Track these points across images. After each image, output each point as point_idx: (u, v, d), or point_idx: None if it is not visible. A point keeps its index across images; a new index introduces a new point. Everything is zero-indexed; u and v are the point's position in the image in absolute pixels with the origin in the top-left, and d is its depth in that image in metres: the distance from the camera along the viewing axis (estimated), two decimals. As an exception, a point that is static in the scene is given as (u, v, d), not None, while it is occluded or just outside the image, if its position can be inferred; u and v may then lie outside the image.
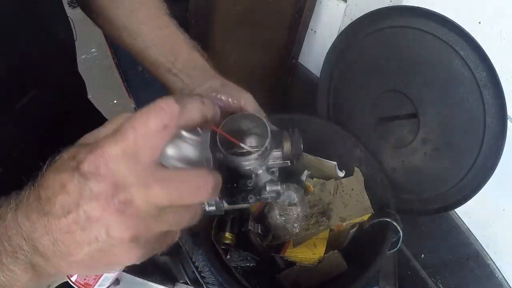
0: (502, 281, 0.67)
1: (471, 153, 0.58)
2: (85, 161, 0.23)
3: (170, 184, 0.24)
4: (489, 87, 0.54)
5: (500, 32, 0.56)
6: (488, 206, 0.66)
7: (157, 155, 0.25)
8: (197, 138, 0.29)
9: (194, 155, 0.29)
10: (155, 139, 0.24)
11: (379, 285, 0.64)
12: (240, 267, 0.62)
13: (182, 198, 0.24)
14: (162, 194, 0.24)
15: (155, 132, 0.24)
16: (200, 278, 0.61)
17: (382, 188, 0.66)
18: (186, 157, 0.28)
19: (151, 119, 0.24)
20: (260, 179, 0.42)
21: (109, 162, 0.23)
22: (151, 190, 0.24)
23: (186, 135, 0.28)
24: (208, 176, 0.26)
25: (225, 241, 0.60)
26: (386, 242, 0.58)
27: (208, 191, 0.25)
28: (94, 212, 0.23)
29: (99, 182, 0.23)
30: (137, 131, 0.24)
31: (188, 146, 0.29)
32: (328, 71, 0.78)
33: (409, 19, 0.62)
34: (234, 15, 0.87)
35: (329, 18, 0.90)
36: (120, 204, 0.23)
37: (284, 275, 0.63)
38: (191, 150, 0.29)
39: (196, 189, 0.25)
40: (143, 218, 0.24)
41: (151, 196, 0.24)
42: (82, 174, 0.23)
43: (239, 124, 0.44)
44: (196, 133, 0.29)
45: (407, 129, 0.67)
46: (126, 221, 0.23)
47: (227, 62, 0.96)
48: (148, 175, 0.24)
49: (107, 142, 0.24)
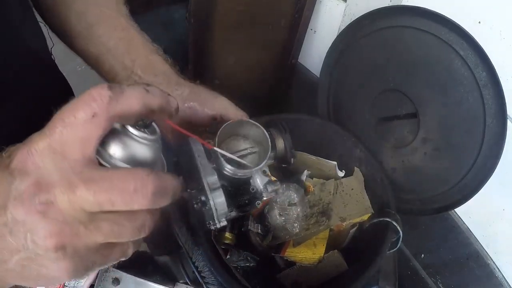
0: (502, 281, 0.67)
1: (471, 153, 0.58)
2: (14, 158, 0.21)
3: (99, 185, 0.21)
4: (489, 87, 0.54)
5: (500, 32, 0.56)
6: (488, 206, 0.66)
7: (89, 151, 0.22)
8: (148, 136, 0.25)
9: (144, 155, 0.25)
10: (83, 131, 0.21)
11: (379, 285, 0.64)
12: (240, 267, 0.62)
13: (113, 203, 0.21)
14: (88, 197, 0.20)
15: (83, 122, 0.21)
16: (200, 278, 0.61)
17: (382, 188, 0.66)
18: (134, 158, 0.24)
19: (79, 108, 0.21)
20: (258, 182, 0.42)
21: (36, 158, 0.21)
22: (76, 191, 0.20)
23: (132, 131, 0.24)
24: (147, 177, 0.22)
25: (225, 241, 0.60)
26: (386, 242, 0.58)
27: (147, 196, 0.21)
28: (18, 214, 0.20)
29: (23, 180, 0.21)
30: (65, 121, 0.21)
31: (136, 145, 0.25)
32: (328, 71, 0.78)
33: (409, 19, 0.62)
34: (234, 15, 0.87)
35: (329, 18, 0.90)
36: (41, 206, 0.20)
37: (284, 275, 0.63)
38: (140, 150, 0.25)
39: (131, 193, 0.21)
40: (68, 223, 0.21)
41: (76, 198, 0.20)
42: (10, 171, 0.21)
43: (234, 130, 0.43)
44: (149, 130, 0.25)
45: (407, 129, 0.67)
46: (49, 226, 0.20)
47: (227, 62, 0.96)
48: (75, 173, 0.21)
49: (36, 136, 0.22)
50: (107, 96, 0.22)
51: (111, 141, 0.24)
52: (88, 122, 0.21)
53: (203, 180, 0.38)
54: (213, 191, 0.38)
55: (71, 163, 0.21)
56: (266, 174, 0.43)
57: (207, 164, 0.39)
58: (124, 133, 0.24)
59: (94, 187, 0.21)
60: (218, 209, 0.38)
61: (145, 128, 0.25)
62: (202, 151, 0.40)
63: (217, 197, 0.38)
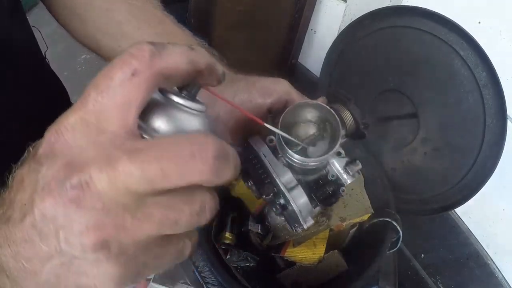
0: (502, 281, 0.67)
1: (471, 153, 0.58)
2: (42, 143, 0.18)
3: (146, 155, 0.16)
4: (489, 87, 0.54)
5: (500, 32, 0.56)
6: (488, 206, 0.66)
7: (131, 120, 0.18)
8: (197, 105, 0.22)
9: (195, 128, 0.21)
10: (122, 94, 0.17)
11: (379, 285, 0.64)
12: (240, 267, 0.62)
13: (167, 174, 0.16)
14: (134, 171, 0.16)
15: (121, 84, 0.17)
16: (200, 278, 0.61)
17: (382, 188, 0.66)
18: (183, 132, 0.21)
19: (116, 68, 0.18)
20: (337, 166, 0.38)
21: (66, 136, 0.17)
22: (117, 165, 0.16)
23: (178, 100, 0.21)
24: (205, 139, 0.17)
25: (225, 241, 0.60)
26: (386, 242, 0.58)
27: (208, 161, 0.17)
28: (46, 207, 0.16)
29: (52, 165, 0.16)
30: (99, 87, 0.17)
31: (185, 116, 0.21)
32: (328, 71, 0.78)
33: (409, 19, 0.62)
34: (234, 15, 0.87)
35: (329, 18, 0.90)
36: (73, 191, 0.16)
37: (284, 275, 0.63)
38: (190, 121, 0.21)
39: (188, 159, 0.16)
40: (110, 211, 0.16)
41: (118, 175, 0.16)
42: (37, 159, 0.17)
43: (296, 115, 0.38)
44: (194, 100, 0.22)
45: (407, 129, 0.67)
46: (85, 217, 0.16)
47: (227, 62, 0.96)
48: (115, 146, 0.17)
49: (67, 112, 0.18)
50: (148, 50, 0.18)
51: (154, 114, 0.20)
52: (128, 83, 0.17)
53: (277, 181, 0.34)
54: (291, 190, 0.34)
55: (109, 136, 0.17)
56: (342, 155, 0.38)
57: (277, 162, 0.35)
58: (168, 102, 0.21)
59: (141, 157, 0.16)
60: (302, 210, 0.34)
61: (191, 97, 0.22)
62: (268, 150, 0.36)
63: (297, 197, 0.34)
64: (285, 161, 0.36)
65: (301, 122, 0.39)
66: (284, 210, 0.34)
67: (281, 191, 0.34)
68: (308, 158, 0.34)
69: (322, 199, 0.36)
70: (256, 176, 0.35)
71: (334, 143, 0.35)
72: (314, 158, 0.35)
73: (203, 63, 0.21)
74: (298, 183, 0.35)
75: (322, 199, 0.36)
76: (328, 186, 0.37)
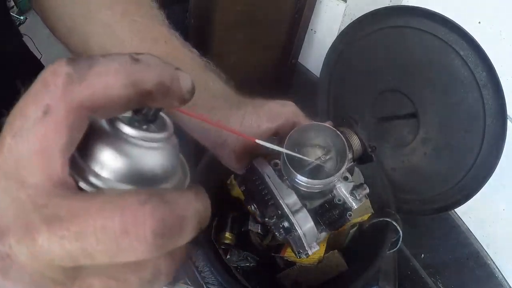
0: (502, 281, 0.67)
1: (471, 153, 0.58)
2: None
3: (67, 230, 0.13)
4: (489, 87, 0.54)
5: (500, 32, 0.56)
6: (488, 206, 0.66)
7: (55, 169, 0.14)
8: (154, 135, 0.16)
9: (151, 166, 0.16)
10: (39, 137, 0.14)
11: (379, 285, 0.64)
12: (240, 267, 0.62)
13: (91, 255, 0.13)
14: (56, 248, 0.13)
15: (34, 124, 0.13)
16: (200, 278, 0.61)
17: (382, 188, 0.66)
18: (135, 172, 0.16)
19: (28, 103, 0.14)
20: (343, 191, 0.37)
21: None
22: (36, 238, 0.13)
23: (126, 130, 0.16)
24: (143, 207, 0.13)
25: (225, 241, 0.60)
26: (386, 242, 0.58)
27: (145, 239, 0.13)
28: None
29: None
30: (13, 128, 0.14)
31: (137, 151, 0.16)
32: (328, 71, 0.78)
33: (409, 19, 0.62)
34: (234, 15, 0.87)
35: (329, 18, 0.90)
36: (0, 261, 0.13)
37: (284, 275, 0.63)
38: (145, 158, 0.16)
39: (118, 237, 0.13)
40: (40, 285, 0.14)
41: (39, 249, 0.13)
42: None
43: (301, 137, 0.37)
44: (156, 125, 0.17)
45: (407, 129, 0.67)
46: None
47: (227, 62, 0.96)
48: (35, 208, 0.13)
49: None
50: (63, 75, 0.13)
51: (97, 151, 0.15)
52: (41, 124, 0.13)
53: (281, 203, 0.33)
54: (296, 213, 0.33)
55: (31, 192, 0.14)
56: (349, 180, 0.37)
57: (282, 184, 0.34)
58: (116, 134, 0.16)
59: (61, 230, 0.13)
60: (307, 235, 0.33)
61: (149, 123, 0.17)
62: (272, 172, 0.35)
63: (302, 221, 0.33)
64: (290, 184, 0.35)
65: (308, 144, 0.38)
66: (288, 234, 0.33)
67: (285, 213, 0.33)
68: (313, 180, 0.33)
69: (328, 223, 0.35)
70: (259, 197, 0.34)
71: (341, 165, 0.34)
72: (320, 180, 0.33)
73: (151, 81, 0.15)
74: (304, 207, 0.33)
75: (328, 223, 0.35)
76: (334, 209, 0.36)
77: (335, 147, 0.37)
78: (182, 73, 0.17)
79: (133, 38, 0.38)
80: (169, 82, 0.16)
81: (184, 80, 0.17)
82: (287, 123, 0.39)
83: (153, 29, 0.39)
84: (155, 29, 0.39)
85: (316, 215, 0.35)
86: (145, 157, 0.16)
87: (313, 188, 0.34)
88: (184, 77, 0.17)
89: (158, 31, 0.39)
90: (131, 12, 0.38)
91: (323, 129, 0.37)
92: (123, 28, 0.38)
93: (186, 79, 0.17)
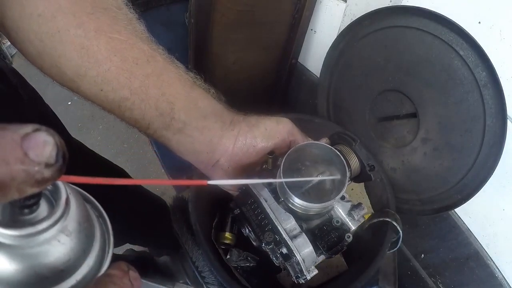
0: (502, 281, 0.67)
1: (471, 153, 0.58)
2: None
3: None
4: (489, 87, 0.54)
5: (500, 32, 0.56)
6: (488, 206, 0.66)
7: None
8: (43, 225, 0.13)
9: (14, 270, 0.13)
10: None
11: (379, 285, 0.64)
12: (240, 267, 0.62)
13: None
14: None
15: None
16: (200, 278, 0.61)
17: (382, 188, 0.66)
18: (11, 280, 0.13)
19: None
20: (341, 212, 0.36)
21: None
22: None
23: None
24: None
25: (225, 241, 0.60)
26: (386, 242, 0.58)
27: None
28: None
29: None
30: None
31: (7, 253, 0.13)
32: (328, 71, 0.78)
33: (409, 19, 0.62)
34: (234, 15, 0.87)
35: (329, 18, 0.90)
36: None
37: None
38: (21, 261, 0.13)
39: None
40: None
41: None
42: None
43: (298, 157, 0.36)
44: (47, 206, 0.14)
45: (407, 129, 0.67)
46: None
47: (227, 62, 0.96)
48: None
49: None
50: None
51: None
52: None
53: (279, 229, 0.32)
54: (295, 238, 0.32)
55: None
56: (346, 199, 0.36)
57: (279, 208, 0.33)
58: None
59: None
60: (306, 260, 0.32)
61: (32, 211, 0.14)
62: (269, 194, 0.34)
63: (301, 246, 0.32)
64: (287, 206, 0.33)
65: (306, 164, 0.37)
66: (286, 260, 0.32)
67: (284, 239, 0.31)
68: (311, 203, 0.32)
69: (327, 247, 0.34)
70: (255, 222, 0.33)
71: (341, 187, 0.33)
72: (319, 203, 0.32)
73: None
74: (302, 231, 0.32)
75: (327, 247, 0.34)
76: (334, 232, 0.35)
77: (333, 166, 0.36)
78: (34, 144, 0.12)
79: (112, 58, 0.34)
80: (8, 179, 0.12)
81: (38, 155, 0.12)
82: (283, 142, 0.38)
83: (134, 46, 0.35)
84: (136, 47, 0.35)
85: (314, 237, 0.34)
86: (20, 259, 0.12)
87: (310, 211, 0.33)
88: (37, 150, 0.12)
89: (138, 49, 0.36)
90: (105, 28, 0.34)
91: (320, 148, 0.35)
92: (99, 47, 0.34)
93: (39, 153, 0.12)
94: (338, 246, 0.34)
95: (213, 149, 0.37)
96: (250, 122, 0.38)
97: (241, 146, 0.37)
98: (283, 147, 0.37)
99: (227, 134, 0.37)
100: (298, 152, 0.35)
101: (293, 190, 0.32)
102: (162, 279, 0.62)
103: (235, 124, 0.38)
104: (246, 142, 0.37)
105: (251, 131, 0.37)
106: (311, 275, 0.31)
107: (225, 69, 0.98)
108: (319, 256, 0.33)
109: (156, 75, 0.36)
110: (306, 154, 0.36)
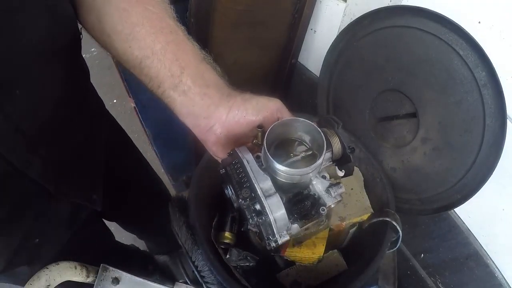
0: (502, 281, 0.67)
1: (471, 153, 0.58)
2: None
3: None
4: (489, 87, 0.54)
5: (500, 32, 0.56)
6: (488, 206, 0.66)
7: None
8: None
9: None
10: None
11: (378, 285, 0.64)
12: (240, 267, 0.62)
13: None
14: None
15: None
16: (199, 278, 0.61)
17: (382, 187, 0.66)
18: None
19: None
20: (319, 187, 0.38)
21: None
22: None
23: None
24: None
25: (225, 241, 0.60)
26: (386, 241, 0.58)
27: None
28: None
29: None
30: None
31: None
32: (327, 70, 0.78)
33: (409, 19, 0.62)
34: (234, 15, 0.87)
35: (329, 18, 0.90)
36: None
37: (283, 274, 0.63)
38: None
39: None
40: None
41: None
42: None
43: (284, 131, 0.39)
44: None
45: (407, 129, 0.67)
46: None
47: (227, 62, 0.96)
48: None
49: None
50: None
51: None
52: None
53: (256, 187, 0.34)
54: (269, 197, 0.34)
55: None
56: (326, 178, 0.39)
57: (259, 170, 0.36)
58: None
59: None
60: (278, 220, 0.33)
61: None
62: (252, 158, 0.37)
63: (274, 205, 0.33)
64: (269, 174, 0.36)
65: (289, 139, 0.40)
66: (258, 216, 0.34)
67: (258, 196, 0.33)
68: (290, 168, 0.34)
69: (300, 213, 0.36)
70: (236, 179, 0.36)
71: (320, 156, 0.35)
72: (297, 169, 0.35)
73: None
74: (277, 193, 0.34)
75: (300, 213, 0.36)
76: (307, 200, 0.37)
77: (315, 144, 0.38)
78: None
79: (144, 24, 0.42)
80: None
81: None
82: (271, 116, 0.42)
83: (163, 19, 0.44)
84: (164, 20, 0.44)
85: (289, 204, 0.36)
86: None
87: (290, 178, 0.35)
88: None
89: (166, 22, 0.44)
90: (145, 1, 0.43)
91: (304, 125, 0.38)
92: (137, 13, 0.42)
93: None
94: (311, 214, 0.37)
95: (209, 115, 0.42)
96: (244, 97, 0.44)
97: (233, 115, 0.42)
98: (272, 121, 0.41)
99: (223, 103, 0.43)
100: (283, 126, 0.38)
101: (276, 159, 0.34)
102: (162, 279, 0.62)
103: (232, 97, 0.43)
104: (238, 113, 0.42)
105: (244, 104, 0.43)
106: (282, 240, 0.33)
107: (225, 69, 0.98)
108: (292, 224, 0.35)
109: (175, 44, 0.43)
110: (291, 129, 0.39)
